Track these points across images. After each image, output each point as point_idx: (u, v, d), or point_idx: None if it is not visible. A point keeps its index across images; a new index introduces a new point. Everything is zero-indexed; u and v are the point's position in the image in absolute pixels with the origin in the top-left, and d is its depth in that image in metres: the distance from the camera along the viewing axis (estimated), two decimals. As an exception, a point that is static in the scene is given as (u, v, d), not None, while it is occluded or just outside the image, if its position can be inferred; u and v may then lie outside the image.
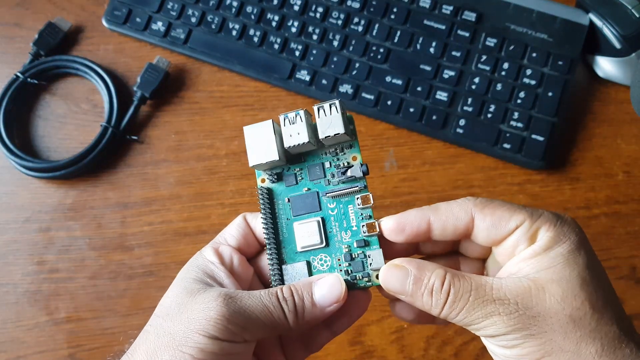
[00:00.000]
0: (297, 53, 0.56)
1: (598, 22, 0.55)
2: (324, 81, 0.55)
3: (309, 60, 0.56)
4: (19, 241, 0.53)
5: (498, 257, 0.30)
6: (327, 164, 0.32)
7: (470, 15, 0.56)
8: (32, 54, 0.57)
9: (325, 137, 0.30)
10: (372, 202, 0.31)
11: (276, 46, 0.56)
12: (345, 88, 0.55)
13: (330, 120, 0.30)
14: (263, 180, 0.33)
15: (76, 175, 0.54)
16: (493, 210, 0.29)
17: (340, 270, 0.31)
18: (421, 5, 0.56)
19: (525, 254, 0.28)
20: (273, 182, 0.33)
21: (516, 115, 0.53)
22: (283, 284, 0.31)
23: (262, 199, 0.32)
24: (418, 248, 0.33)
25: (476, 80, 0.54)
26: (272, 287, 0.31)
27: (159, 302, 0.30)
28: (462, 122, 0.53)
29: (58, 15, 0.58)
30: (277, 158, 0.31)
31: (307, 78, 0.55)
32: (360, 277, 0.31)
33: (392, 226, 0.30)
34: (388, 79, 0.55)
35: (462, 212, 0.29)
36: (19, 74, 0.55)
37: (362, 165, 0.31)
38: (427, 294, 0.28)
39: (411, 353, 0.49)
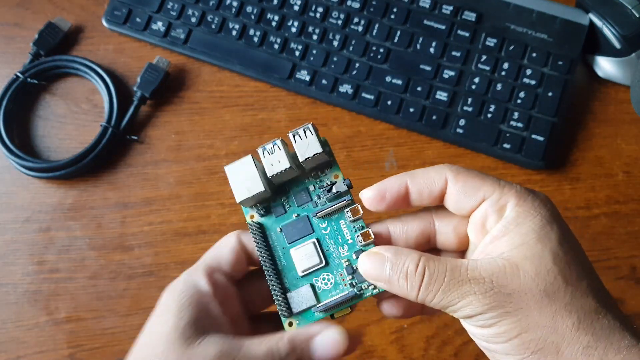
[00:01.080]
0: (297, 53, 0.56)
1: (598, 22, 0.55)
2: (324, 81, 0.55)
3: (309, 60, 0.56)
4: (19, 241, 0.53)
5: (472, 236, 0.30)
6: (311, 187, 0.33)
7: (470, 15, 0.56)
8: (32, 54, 0.57)
9: (305, 159, 0.31)
10: (361, 212, 0.31)
11: (276, 46, 0.56)
12: (345, 88, 0.55)
13: (307, 143, 0.31)
14: (252, 217, 0.33)
15: (76, 175, 0.54)
16: (465, 178, 0.29)
17: (345, 285, 0.31)
18: (421, 5, 0.56)
19: (497, 230, 0.28)
20: (262, 215, 0.33)
21: (516, 115, 0.53)
22: (291, 313, 0.31)
23: (254, 235, 0.32)
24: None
25: (476, 80, 0.54)
26: (280, 316, 0.31)
27: (145, 332, 0.29)
28: (462, 122, 0.53)
29: (58, 15, 0.58)
30: (263, 189, 0.32)
31: (307, 78, 0.55)
32: (367, 287, 0.31)
33: (373, 194, 0.30)
34: (388, 79, 0.55)
35: (437, 176, 0.29)
36: (19, 74, 0.56)
37: (344, 180, 0.32)
38: (403, 278, 0.28)
39: (411, 353, 0.49)
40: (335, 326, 0.30)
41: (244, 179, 0.32)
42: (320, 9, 0.57)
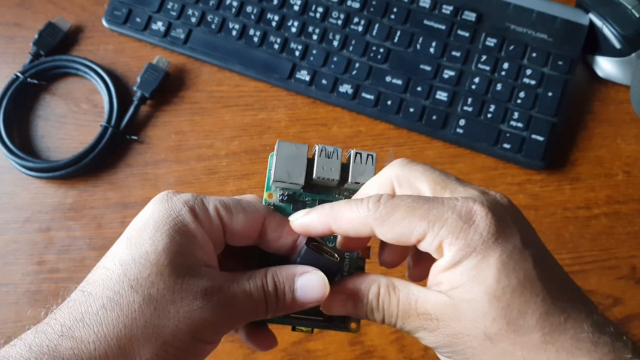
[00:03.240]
0: (297, 53, 0.56)
1: (598, 22, 0.55)
2: (324, 81, 0.55)
3: (309, 60, 0.56)
4: (19, 241, 0.53)
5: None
6: None
7: (470, 15, 0.56)
8: (32, 54, 0.57)
9: (355, 182, 0.31)
10: (369, 256, 0.32)
11: (276, 46, 0.56)
12: (345, 88, 0.55)
13: (363, 169, 0.31)
14: (270, 196, 0.32)
15: (76, 175, 0.54)
16: (392, 225, 0.26)
17: (320, 307, 0.31)
18: (421, 5, 0.56)
19: (440, 264, 0.26)
20: (281, 201, 0.32)
21: (516, 115, 0.53)
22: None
23: None
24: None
25: (476, 80, 0.54)
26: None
27: (130, 243, 0.26)
28: (462, 122, 0.53)
29: (58, 15, 0.58)
30: (302, 184, 0.31)
31: (307, 78, 0.55)
32: (337, 321, 0.31)
33: (298, 230, 0.29)
34: (388, 79, 0.55)
35: (363, 228, 0.27)
36: (19, 74, 0.55)
37: None
38: (370, 313, 0.28)
39: (411, 353, 0.49)
40: (318, 271, 0.29)
41: (289, 163, 0.31)
42: (320, 9, 0.57)
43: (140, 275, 0.25)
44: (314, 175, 0.31)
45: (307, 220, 0.29)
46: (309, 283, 0.28)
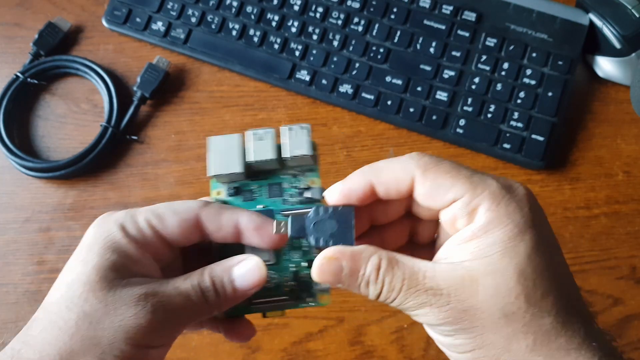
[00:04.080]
0: (297, 53, 0.56)
1: (598, 22, 0.55)
2: (324, 81, 0.55)
3: (309, 60, 0.56)
4: (19, 241, 0.53)
5: (444, 225, 0.29)
6: (285, 185, 0.33)
7: (470, 15, 0.56)
8: (32, 54, 0.57)
9: (292, 156, 0.31)
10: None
11: (276, 46, 0.56)
12: (345, 88, 0.55)
13: (298, 142, 0.31)
14: (219, 193, 0.33)
15: (76, 175, 0.54)
16: (435, 175, 0.27)
17: (286, 289, 0.31)
18: (421, 5, 0.56)
19: (464, 234, 0.26)
20: (230, 195, 0.33)
21: (516, 115, 0.53)
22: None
23: None
24: (374, 219, 0.31)
25: (476, 80, 0.54)
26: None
27: (65, 270, 0.28)
28: (462, 122, 0.53)
29: (58, 15, 0.58)
30: (240, 171, 0.31)
31: (307, 78, 0.55)
32: (306, 297, 0.31)
33: (338, 198, 0.29)
34: (388, 79, 0.55)
35: (403, 174, 0.28)
36: (19, 74, 0.56)
37: (320, 188, 0.32)
38: (364, 285, 0.27)
39: (411, 353, 0.49)
40: (252, 256, 0.29)
41: (224, 155, 0.31)
42: (320, 9, 0.57)
43: (73, 295, 0.26)
44: (249, 159, 0.31)
45: (346, 184, 0.29)
46: (245, 270, 0.29)
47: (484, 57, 0.55)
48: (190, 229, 0.29)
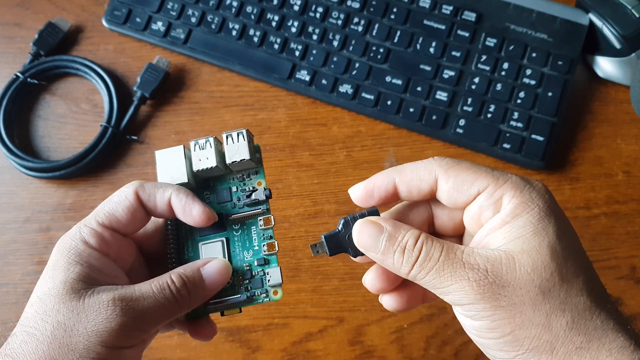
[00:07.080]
0: (297, 53, 0.56)
1: (598, 22, 0.55)
2: (324, 81, 0.55)
3: (309, 60, 0.56)
4: (19, 241, 0.53)
5: (468, 226, 0.29)
6: (234, 188, 0.34)
7: (470, 15, 0.56)
8: (32, 54, 0.57)
9: (232, 162, 0.33)
10: (273, 223, 0.33)
11: (276, 46, 0.56)
12: (345, 88, 0.55)
13: (237, 147, 0.32)
14: None
15: (76, 175, 0.54)
16: (457, 172, 0.28)
17: (241, 287, 0.33)
18: (421, 5, 0.56)
19: (493, 222, 0.27)
20: None
21: (516, 115, 0.53)
22: None
23: (170, 221, 0.34)
24: None
25: (476, 80, 0.54)
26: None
27: (35, 290, 0.30)
28: (462, 122, 0.53)
29: (58, 15, 0.58)
30: (187, 181, 0.33)
31: (307, 78, 0.55)
32: (259, 294, 0.33)
33: (361, 193, 0.30)
34: (388, 79, 0.55)
35: (426, 173, 0.29)
36: (19, 74, 0.56)
37: (265, 189, 0.33)
38: (399, 252, 0.27)
39: (411, 353, 0.49)
40: (218, 257, 0.32)
41: (170, 167, 0.33)
42: (320, 9, 0.57)
43: (46, 308, 0.28)
44: (194, 168, 0.33)
45: (370, 181, 0.30)
46: (213, 269, 0.31)
47: (484, 57, 0.55)
48: (135, 211, 0.31)
